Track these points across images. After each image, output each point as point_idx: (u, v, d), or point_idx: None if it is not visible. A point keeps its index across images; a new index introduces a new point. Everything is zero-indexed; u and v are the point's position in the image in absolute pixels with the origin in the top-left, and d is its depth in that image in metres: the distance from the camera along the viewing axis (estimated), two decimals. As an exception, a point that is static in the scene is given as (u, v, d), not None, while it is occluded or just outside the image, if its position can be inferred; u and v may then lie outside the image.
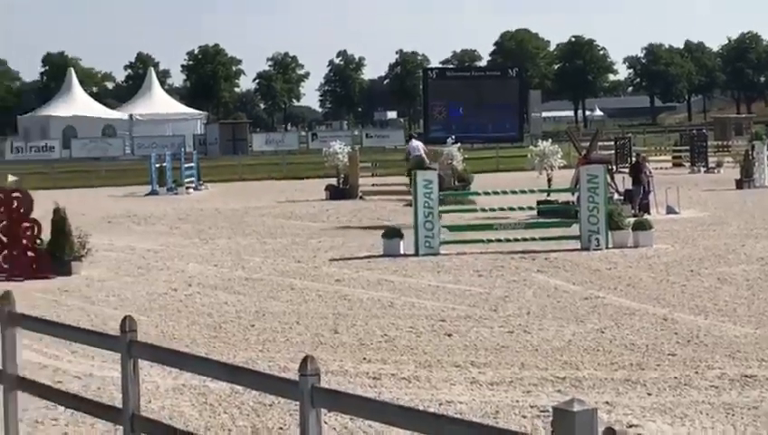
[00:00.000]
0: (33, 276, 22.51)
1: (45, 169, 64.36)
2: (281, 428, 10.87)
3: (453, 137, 44.11)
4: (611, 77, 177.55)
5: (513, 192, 28.21)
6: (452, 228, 25.67)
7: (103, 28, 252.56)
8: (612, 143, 52.66)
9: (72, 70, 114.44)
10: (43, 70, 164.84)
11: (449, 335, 15.43)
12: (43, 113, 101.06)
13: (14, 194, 23.36)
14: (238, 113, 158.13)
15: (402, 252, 24.47)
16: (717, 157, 55.51)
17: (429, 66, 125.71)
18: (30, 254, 23.03)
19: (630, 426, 10.58)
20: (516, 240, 25.02)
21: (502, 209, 28.01)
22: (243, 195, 44.36)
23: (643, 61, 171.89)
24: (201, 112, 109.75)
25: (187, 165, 52.48)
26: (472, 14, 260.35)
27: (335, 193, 43.28)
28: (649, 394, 11.93)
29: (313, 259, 24.44)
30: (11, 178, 24.11)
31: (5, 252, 23.13)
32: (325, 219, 34.75)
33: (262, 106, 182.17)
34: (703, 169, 52.63)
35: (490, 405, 11.59)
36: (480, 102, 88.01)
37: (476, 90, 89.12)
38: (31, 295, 20.04)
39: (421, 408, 10.35)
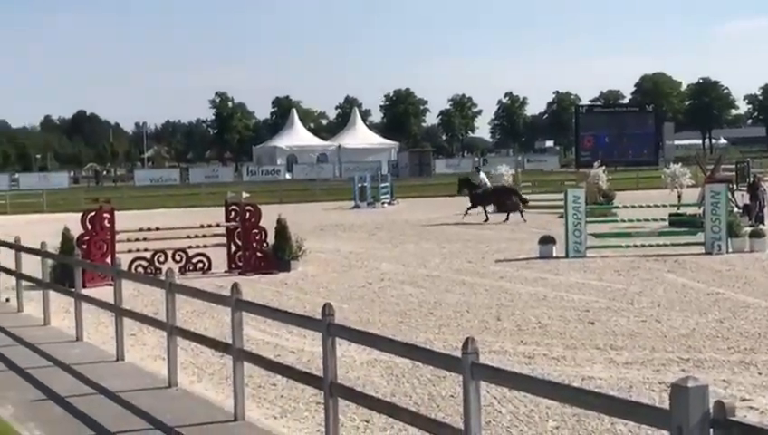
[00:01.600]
0: (261, 272, 22.98)
1: (273, 187, 65.76)
2: (452, 395, 10.80)
3: (599, 161, 43.54)
4: (733, 111, 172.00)
5: (649, 206, 27.77)
6: (597, 235, 25.20)
7: (320, 76, 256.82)
8: (733, 166, 50.89)
9: (295, 110, 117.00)
10: (273, 110, 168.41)
11: (592, 323, 15.13)
12: (272, 144, 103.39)
13: (247, 207, 23.91)
14: (424, 143, 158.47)
15: (554, 255, 24.15)
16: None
17: (580, 104, 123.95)
18: (258, 254, 23.51)
19: (743, 400, 10.17)
20: (650, 246, 24.48)
21: (639, 220, 27.48)
22: (426, 209, 44.46)
23: (760, 98, 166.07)
24: (394, 143, 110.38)
25: (382, 184, 52.93)
26: (615, 60, 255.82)
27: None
28: (760, 374, 11.48)
29: (482, 260, 24.29)
30: (245, 194, 24.66)
31: (240, 253, 23.68)
32: (492, 228, 34.52)
33: (443, 137, 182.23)
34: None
35: (624, 381, 11.30)
36: (622, 133, 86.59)
37: (619, 122, 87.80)
38: (258, 287, 20.48)
39: (566, 382, 10.17)
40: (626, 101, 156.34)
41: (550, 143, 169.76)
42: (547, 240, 24.69)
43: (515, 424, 9.67)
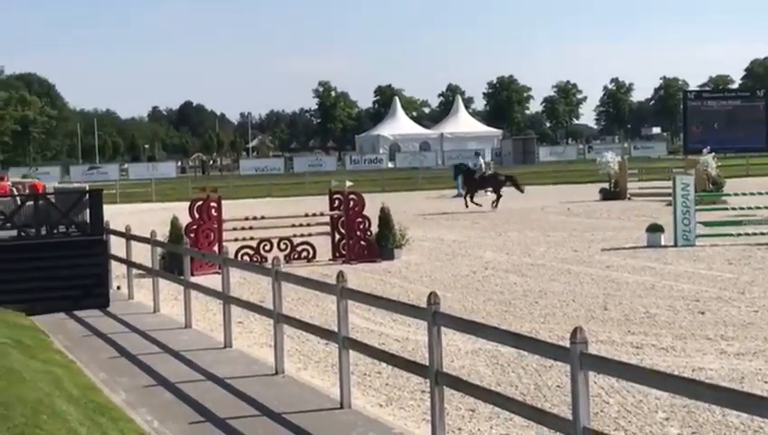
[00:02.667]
0: (364, 260, 23.09)
1: (375, 176, 66.00)
2: (558, 386, 10.71)
3: (708, 147, 42.73)
4: None
5: (760, 193, 27.08)
6: (706, 224, 24.66)
7: (422, 64, 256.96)
8: None
9: (397, 98, 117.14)
10: (375, 99, 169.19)
11: (702, 313, 14.82)
12: (374, 133, 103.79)
13: (351, 196, 24.03)
14: (528, 131, 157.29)
15: (663, 244, 23.71)
16: None
17: (688, 89, 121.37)
18: (362, 243, 23.63)
19: None
20: (762, 234, 23.85)
21: (750, 208, 26.83)
22: (530, 197, 43.94)
23: None
24: (498, 130, 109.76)
25: (486, 172, 52.58)
26: (724, 45, 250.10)
27: (607, 195, 42.59)
28: None
29: (588, 249, 24.00)
30: (348, 183, 24.80)
31: (344, 241, 23.83)
32: (598, 216, 34.09)
33: (547, 124, 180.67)
34: None
35: (736, 372, 11.05)
36: (731, 119, 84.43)
37: (729, 108, 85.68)
38: (362, 275, 20.59)
39: (676, 373, 9.99)
40: (735, 86, 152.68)
41: (657, 130, 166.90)
42: (655, 229, 24.27)
43: (623, 415, 9.54)
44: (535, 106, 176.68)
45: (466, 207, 38.41)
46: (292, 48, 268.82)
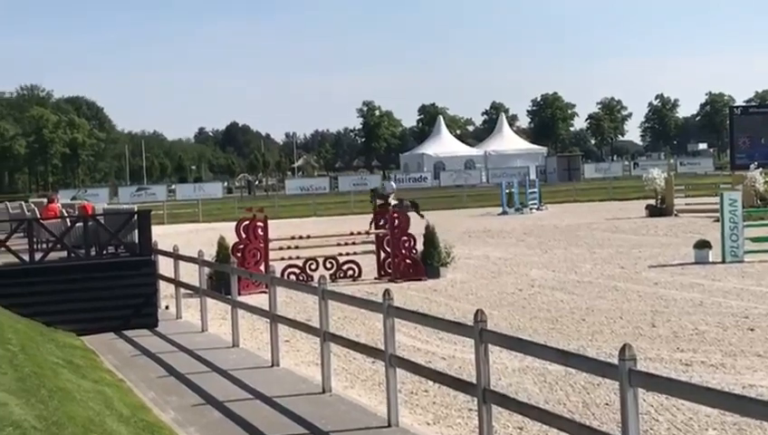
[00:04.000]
0: (410, 279, 23.08)
1: (420, 194, 65.86)
2: (606, 403, 10.62)
3: (755, 163, 42.28)
4: None
5: (810, 208, 26.59)
6: (754, 240, 24.38)
7: (466, 83, 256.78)
8: None
9: (441, 117, 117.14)
10: (419, 117, 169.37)
11: (752, 330, 14.65)
12: (419, 151, 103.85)
13: (395, 214, 24.11)
14: (572, 148, 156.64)
15: (710, 260, 23.48)
16: None
17: (735, 105, 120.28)
18: (408, 261, 23.62)
19: None
20: (812, 250, 23.50)
21: (799, 223, 26.42)
22: (576, 214, 43.84)
23: None
24: (542, 148, 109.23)
25: (530, 190, 52.48)
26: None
27: (653, 211, 42.22)
28: None
29: (634, 266, 23.81)
30: (392, 184, 24.91)
31: (389, 260, 23.85)
32: (644, 233, 33.82)
33: (592, 141, 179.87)
34: None
35: (788, 390, 10.89)
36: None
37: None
38: (408, 294, 20.58)
39: (726, 390, 9.87)
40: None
41: (703, 145, 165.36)
42: (703, 245, 24.05)
43: (674, 433, 9.44)
44: (580, 123, 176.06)
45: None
46: (337, 67, 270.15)
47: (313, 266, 23.32)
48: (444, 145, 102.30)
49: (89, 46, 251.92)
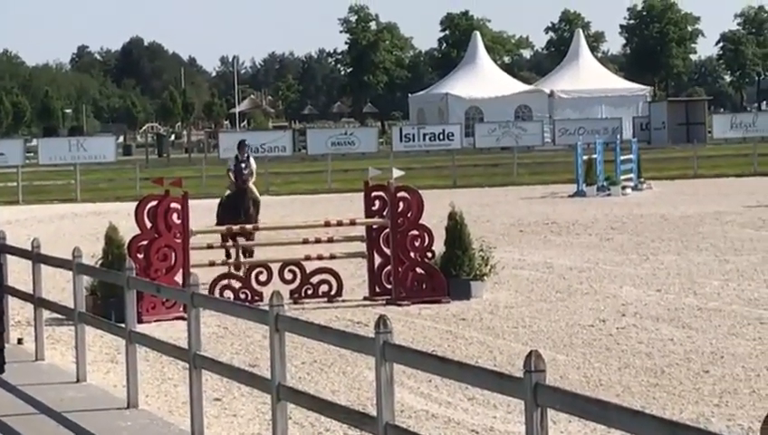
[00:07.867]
0: (423, 299, 23.04)
1: (442, 162, 65.99)
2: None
3: None
4: None
5: None
6: None
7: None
8: None
9: (479, 34, 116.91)
10: (441, 35, 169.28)
11: None
12: (440, 91, 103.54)
13: (400, 194, 23.86)
14: (694, 88, 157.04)
15: None
16: None
17: None
18: (419, 270, 23.51)
19: None
20: None
21: None
22: (698, 197, 43.85)
23: None
24: (644, 87, 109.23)
25: (623, 157, 52.43)
26: None
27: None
28: None
29: (792, 284, 23.91)
30: (396, 173, 24.65)
31: (388, 267, 23.65)
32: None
33: (727, 79, 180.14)
34: None
35: None
36: None
37: None
38: (418, 324, 20.61)
39: None
40: None
41: None
42: None
43: None
44: (707, 48, 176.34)
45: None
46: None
47: (263, 278, 23.33)
48: (482, 81, 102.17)
49: None
